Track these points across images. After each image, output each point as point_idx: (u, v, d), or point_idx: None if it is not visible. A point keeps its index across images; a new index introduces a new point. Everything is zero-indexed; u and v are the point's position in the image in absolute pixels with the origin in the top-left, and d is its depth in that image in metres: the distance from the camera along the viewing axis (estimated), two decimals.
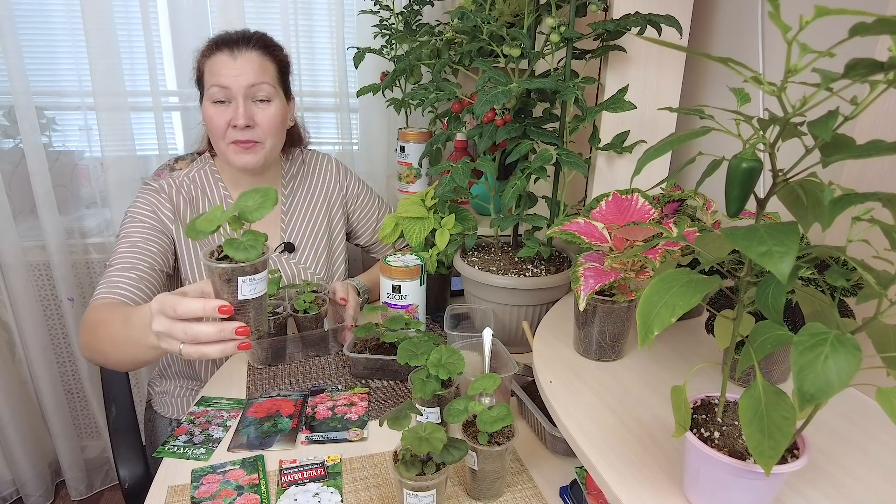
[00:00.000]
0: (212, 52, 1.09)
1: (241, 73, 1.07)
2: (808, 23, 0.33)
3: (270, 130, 1.12)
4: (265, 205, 0.65)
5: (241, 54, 1.07)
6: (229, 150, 1.12)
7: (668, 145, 0.47)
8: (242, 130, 1.09)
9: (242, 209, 0.64)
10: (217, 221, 0.62)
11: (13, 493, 1.87)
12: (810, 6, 0.33)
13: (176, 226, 1.13)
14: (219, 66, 1.07)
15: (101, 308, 0.95)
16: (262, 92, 1.09)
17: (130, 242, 1.07)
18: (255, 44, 1.09)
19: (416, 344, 0.89)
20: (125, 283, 1.02)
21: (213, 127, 1.10)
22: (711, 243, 0.52)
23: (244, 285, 0.66)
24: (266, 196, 0.65)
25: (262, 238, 0.66)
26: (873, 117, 0.68)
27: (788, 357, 0.72)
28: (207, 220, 0.62)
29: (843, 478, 0.57)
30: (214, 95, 1.08)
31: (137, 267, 1.05)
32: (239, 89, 1.07)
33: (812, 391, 0.37)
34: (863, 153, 0.38)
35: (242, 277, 0.65)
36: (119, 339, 0.85)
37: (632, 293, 0.76)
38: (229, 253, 0.64)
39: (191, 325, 0.68)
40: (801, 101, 0.40)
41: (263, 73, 1.09)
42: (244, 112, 1.07)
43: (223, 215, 0.63)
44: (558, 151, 0.97)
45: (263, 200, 0.65)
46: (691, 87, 1.11)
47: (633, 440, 0.63)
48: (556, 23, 0.93)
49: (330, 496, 0.79)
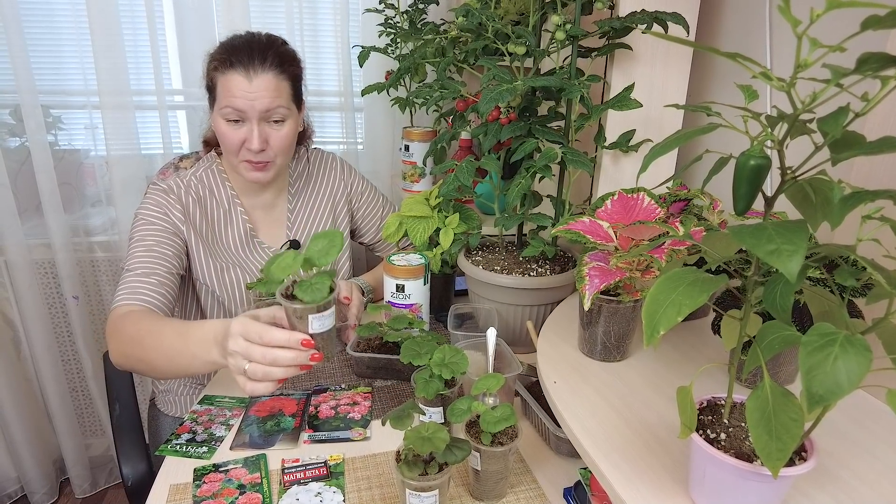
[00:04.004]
0: (225, 69, 1.06)
1: (257, 97, 1.05)
2: (819, 16, 0.33)
3: (283, 150, 1.12)
4: (332, 251, 0.70)
5: (256, 76, 1.05)
6: (241, 166, 1.12)
7: (676, 141, 0.46)
8: (256, 153, 1.09)
9: (311, 254, 0.70)
10: (288, 270, 0.68)
11: (18, 490, 1.88)
12: (818, 2, 0.33)
13: (187, 227, 1.12)
14: (233, 86, 1.05)
15: (138, 318, 0.94)
16: (276, 115, 1.08)
17: (146, 246, 1.07)
18: (270, 62, 1.06)
19: (420, 343, 0.89)
20: (147, 288, 1.02)
21: (226, 143, 1.09)
22: (718, 242, 0.52)
23: (314, 322, 0.72)
24: (332, 241, 0.71)
25: (329, 279, 0.72)
26: (884, 114, 0.68)
27: (795, 358, 0.71)
28: (280, 268, 0.68)
29: (852, 481, 0.56)
30: (228, 115, 1.07)
31: (156, 272, 1.05)
32: (254, 113, 1.06)
33: (821, 392, 0.37)
34: (874, 150, 0.37)
35: (313, 315, 0.72)
36: (174, 352, 0.86)
37: (637, 293, 0.75)
38: (299, 295, 0.70)
39: (270, 349, 0.73)
40: (811, 97, 0.39)
41: (278, 96, 1.07)
42: (258, 136, 1.07)
43: (294, 263, 0.69)
44: (563, 150, 0.96)
45: (330, 246, 0.70)
46: (697, 85, 1.10)
47: (637, 441, 0.62)
48: (562, 20, 0.92)
49: (332, 496, 0.78)
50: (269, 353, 0.73)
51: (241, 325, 0.75)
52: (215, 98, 1.09)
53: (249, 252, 1.21)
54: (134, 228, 1.10)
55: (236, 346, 0.74)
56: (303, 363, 0.74)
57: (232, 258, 1.19)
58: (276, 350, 0.73)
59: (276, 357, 0.73)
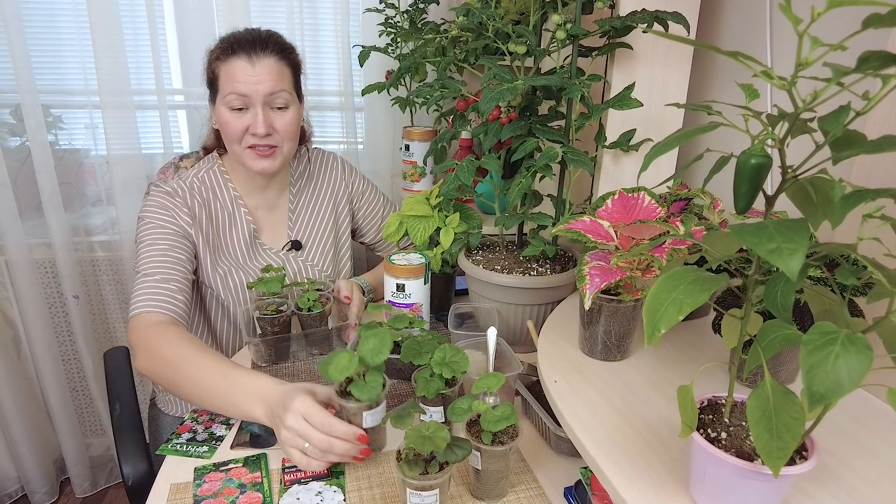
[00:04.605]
0: (227, 57, 1.07)
1: (260, 80, 1.05)
2: (820, 14, 0.33)
3: (288, 135, 1.12)
4: (383, 350, 0.77)
5: (258, 60, 1.06)
6: (246, 154, 1.11)
7: (677, 140, 0.46)
8: (261, 137, 1.09)
9: (363, 354, 0.77)
10: (346, 372, 0.75)
11: (18, 489, 1.88)
12: (819, 0, 0.33)
13: (195, 230, 1.12)
14: (237, 72, 1.05)
15: (178, 339, 0.94)
16: (280, 99, 1.09)
17: (160, 250, 1.06)
18: (272, 48, 1.08)
19: (420, 343, 0.89)
20: (168, 295, 1.02)
21: (229, 132, 1.09)
22: (719, 241, 0.52)
23: (367, 417, 0.80)
24: (383, 342, 0.77)
25: (381, 378, 0.78)
26: (885, 113, 0.68)
27: (796, 357, 0.71)
28: (337, 370, 0.75)
29: (853, 480, 0.56)
30: (232, 103, 1.07)
31: (175, 277, 1.05)
32: (258, 97, 1.06)
33: (822, 391, 0.37)
34: (875, 149, 0.37)
35: (366, 412, 0.79)
36: (212, 392, 0.87)
37: (638, 292, 0.75)
38: (355, 393, 0.76)
39: (329, 438, 0.77)
40: (812, 95, 0.39)
41: (281, 80, 1.08)
42: (263, 120, 1.07)
43: (350, 365, 0.75)
44: (564, 149, 0.96)
45: (381, 346, 0.77)
46: (698, 85, 1.10)
47: (638, 440, 0.62)
48: (563, 20, 0.92)
49: (333, 495, 0.78)
50: (325, 441, 0.77)
51: (304, 406, 0.78)
52: (217, 90, 1.10)
53: (252, 254, 1.21)
54: (142, 231, 1.09)
55: (296, 425, 0.77)
56: (354, 455, 0.79)
57: (235, 261, 1.19)
58: (333, 439, 0.77)
59: (333, 445, 0.77)
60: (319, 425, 0.77)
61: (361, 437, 0.78)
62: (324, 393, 0.84)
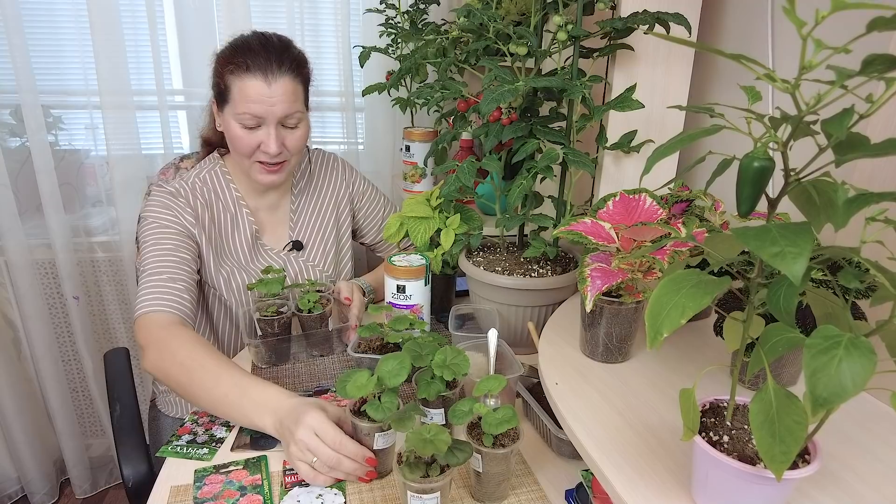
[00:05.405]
0: (242, 73, 1.04)
1: (276, 102, 1.04)
2: (824, 17, 0.32)
3: (297, 150, 1.13)
4: (401, 373, 0.77)
5: (275, 80, 1.04)
6: (254, 168, 1.12)
7: (679, 143, 0.46)
8: (272, 156, 1.09)
9: (381, 375, 0.77)
10: (364, 390, 0.76)
11: (18, 490, 1.88)
12: (822, 3, 0.32)
13: (199, 230, 1.12)
14: (252, 91, 1.03)
15: (191, 342, 0.94)
16: (293, 119, 1.09)
17: (165, 250, 1.06)
18: (287, 65, 1.06)
19: (421, 344, 0.88)
20: (175, 295, 1.02)
21: (240, 146, 1.09)
22: (721, 244, 0.51)
23: (379, 439, 0.79)
24: (402, 364, 0.78)
25: (396, 400, 0.78)
26: (888, 116, 0.67)
27: (798, 360, 0.71)
28: (356, 388, 0.76)
29: (856, 484, 0.56)
30: (245, 122, 1.06)
31: (181, 277, 1.05)
32: (273, 119, 1.06)
33: (825, 395, 0.36)
34: (878, 151, 0.37)
35: (378, 433, 0.79)
36: (224, 401, 0.87)
37: (639, 294, 0.75)
38: (369, 412, 0.76)
39: (338, 455, 0.77)
40: (815, 98, 0.39)
41: (295, 101, 1.08)
42: (276, 140, 1.07)
43: (368, 384, 0.76)
44: (565, 151, 0.96)
45: (400, 368, 0.77)
46: (699, 86, 1.10)
47: (640, 443, 0.62)
48: (564, 21, 0.92)
49: (333, 498, 0.78)
50: (335, 458, 0.77)
51: (317, 422, 0.78)
52: (227, 101, 1.08)
53: (254, 255, 1.21)
54: (146, 231, 1.09)
55: (307, 439, 0.77)
56: (360, 475, 0.79)
57: (238, 262, 1.19)
58: (342, 457, 0.77)
59: (341, 463, 0.77)
60: (331, 442, 0.77)
61: (370, 460, 0.79)
62: (334, 412, 0.84)
